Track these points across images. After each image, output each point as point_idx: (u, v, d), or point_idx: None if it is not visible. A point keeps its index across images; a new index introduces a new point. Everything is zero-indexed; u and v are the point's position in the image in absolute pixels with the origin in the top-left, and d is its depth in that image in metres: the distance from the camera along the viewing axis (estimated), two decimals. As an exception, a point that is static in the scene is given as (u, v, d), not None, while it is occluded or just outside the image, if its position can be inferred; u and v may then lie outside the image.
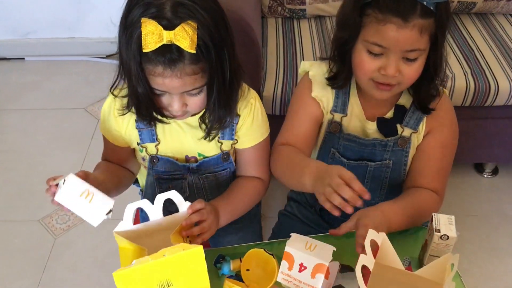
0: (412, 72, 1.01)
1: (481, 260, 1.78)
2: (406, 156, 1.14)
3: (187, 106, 0.95)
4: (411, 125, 1.12)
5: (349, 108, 1.14)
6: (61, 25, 2.75)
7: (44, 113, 2.47)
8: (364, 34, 1.00)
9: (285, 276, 0.98)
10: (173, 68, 0.86)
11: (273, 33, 1.97)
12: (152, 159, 1.09)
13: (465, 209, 1.96)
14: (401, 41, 0.96)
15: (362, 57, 1.01)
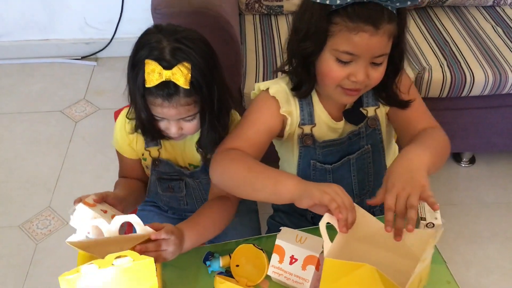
0: (378, 75, 1.02)
1: (462, 248, 1.82)
2: (380, 134, 1.16)
3: (183, 130, 1.10)
4: (371, 102, 1.13)
5: (316, 117, 1.13)
6: (34, 27, 2.70)
7: (20, 117, 2.42)
8: (333, 43, 0.97)
9: (276, 269, 0.99)
10: (170, 100, 1.02)
11: (251, 30, 1.97)
12: (155, 161, 1.21)
13: (445, 198, 2.00)
14: (372, 48, 0.96)
15: (330, 66, 1.00)
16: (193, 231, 1.02)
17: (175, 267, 1.07)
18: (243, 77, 1.73)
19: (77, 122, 2.38)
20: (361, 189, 1.22)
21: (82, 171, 2.13)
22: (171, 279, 1.05)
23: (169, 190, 1.27)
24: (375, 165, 1.20)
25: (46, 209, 1.97)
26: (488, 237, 1.86)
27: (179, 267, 1.07)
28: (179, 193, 1.27)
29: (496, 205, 1.98)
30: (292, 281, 0.98)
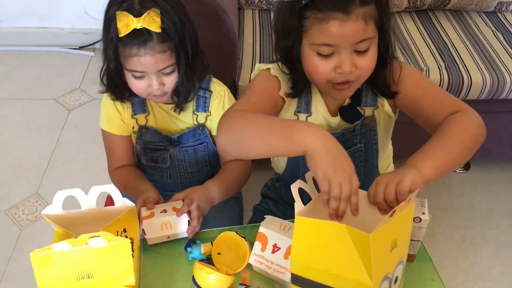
0: (367, 63, 0.97)
1: (452, 253, 1.80)
2: (375, 135, 1.13)
3: (165, 86, 1.12)
4: (369, 103, 1.10)
5: (313, 107, 1.10)
6: (33, 14, 2.69)
7: (14, 103, 2.40)
8: (308, 38, 0.95)
9: (258, 257, 0.97)
10: (145, 47, 1.04)
11: (249, 25, 1.96)
12: (141, 128, 1.23)
13: (437, 203, 1.97)
14: (348, 35, 0.92)
15: (314, 61, 0.96)
16: (219, 189, 1.15)
17: (155, 252, 1.05)
18: (238, 70, 1.71)
19: (71, 111, 2.36)
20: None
21: (72, 159, 2.10)
22: (150, 264, 1.02)
23: (153, 161, 1.27)
24: (366, 165, 1.18)
25: (34, 195, 1.94)
26: (479, 243, 1.83)
27: (159, 252, 1.04)
28: (163, 164, 1.27)
29: (489, 212, 1.95)
30: (273, 270, 0.95)
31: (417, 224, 0.97)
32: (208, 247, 1.02)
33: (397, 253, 0.82)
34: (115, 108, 1.21)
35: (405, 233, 0.86)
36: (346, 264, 0.77)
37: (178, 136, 1.23)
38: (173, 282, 0.98)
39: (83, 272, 0.81)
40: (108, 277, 0.82)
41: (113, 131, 1.23)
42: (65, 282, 0.81)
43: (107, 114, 1.23)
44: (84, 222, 0.85)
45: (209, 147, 1.27)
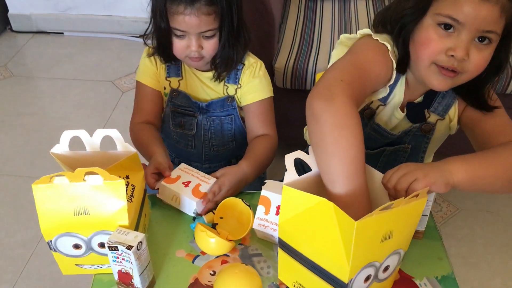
0: (480, 60, 0.87)
1: (491, 256, 1.69)
2: (427, 142, 1.06)
3: (203, 49, 1.14)
4: (439, 112, 1.03)
5: (391, 98, 1.03)
6: (99, 3, 2.85)
7: (73, 83, 2.55)
8: (437, 6, 0.87)
9: (261, 221, 0.97)
10: (192, 7, 1.08)
11: (294, 11, 1.96)
12: (173, 91, 1.26)
13: (481, 205, 1.87)
14: (480, 17, 0.83)
15: (430, 34, 0.88)
16: (253, 168, 1.16)
17: (163, 208, 1.08)
18: (276, 52, 1.72)
19: (124, 93, 2.47)
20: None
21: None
22: (157, 217, 1.05)
23: (180, 126, 1.29)
24: None
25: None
26: (522, 248, 1.72)
27: (167, 208, 1.07)
28: (189, 131, 1.30)
29: (538, 218, 1.83)
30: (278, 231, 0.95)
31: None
32: (210, 216, 1.02)
33: (391, 244, 0.77)
34: (152, 64, 1.25)
35: (407, 226, 0.80)
36: (328, 243, 0.75)
37: (206, 104, 1.25)
38: (175, 237, 1.01)
39: (80, 208, 0.85)
40: (103, 215, 0.86)
41: (147, 82, 1.26)
42: (63, 216, 0.86)
43: (145, 67, 1.26)
44: (89, 164, 0.88)
45: (236, 121, 1.29)
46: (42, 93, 2.50)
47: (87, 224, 0.86)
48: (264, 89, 1.25)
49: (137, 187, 0.94)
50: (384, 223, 0.73)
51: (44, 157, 2.08)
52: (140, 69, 1.27)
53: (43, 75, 2.61)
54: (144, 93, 1.27)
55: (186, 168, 1.09)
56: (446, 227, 1.77)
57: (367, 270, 0.77)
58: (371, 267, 0.77)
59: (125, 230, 0.86)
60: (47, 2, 2.86)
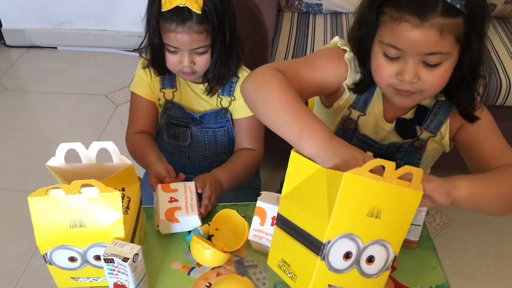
0: (435, 79, 0.88)
1: (485, 267, 1.70)
2: (419, 159, 1.06)
3: (195, 65, 1.17)
4: (431, 129, 1.03)
5: (370, 108, 1.04)
6: (93, 17, 2.86)
7: (67, 97, 2.56)
8: (379, 34, 0.90)
9: (257, 232, 0.97)
10: (183, 25, 1.10)
11: (287, 26, 1.99)
12: (167, 102, 1.28)
13: (474, 215, 1.88)
14: (417, 43, 0.85)
15: (379, 60, 0.91)
16: (225, 177, 1.17)
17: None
18: (270, 66, 1.74)
19: (118, 106, 2.48)
20: None
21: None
22: (151, 230, 1.05)
23: (174, 138, 1.31)
24: None
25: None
26: (515, 258, 1.73)
27: (162, 221, 1.07)
28: (183, 142, 1.31)
29: (531, 228, 1.84)
30: None
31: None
32: (206, 228, 1.02)
33: (378, 228, 0.76)
34: (147, 75, 1.27)
35: (397, 214, 0.78)
36: (316, 205, 0.76)
37: (200, 116, 1.27)
38: (171, 249, 1.01)
39: (75, 220, 0.85)
40: (99, 227, 0.86)
41: (142, 93, 1.28)
42: (59, 229, 0.86)
43: (140, 78, 1.28)
44: (84, 176, 0.89)
45: (229, 133, 1.31)
46: (35, 107, 2.51)
47: (82, 237, 0.87)
48: None
49: (133, 199, 0.95)
50: (373, 193, 0.74)
51: (37, 170, 2.08)
52: (135, 80, 1.29)
53: (37, 89, 2.61)
54: (139, 104, 1.29)
55: (188, 188, 1.06)
56: (439, 238, 1.78)
57: (347, 242, 0.75)
58: (351, 240, 0.75)
59: (121, 242, 0.86)
60: (41, 16, 2.87)
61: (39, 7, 2.84)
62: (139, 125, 1.29)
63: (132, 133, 1.29)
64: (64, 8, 2.84)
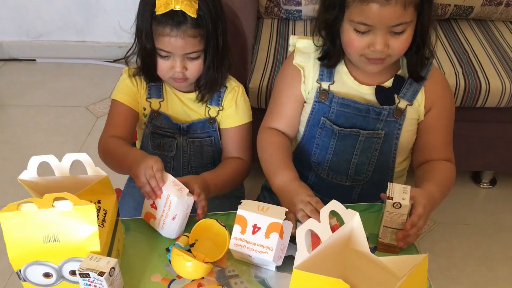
0: (400, 44, 1.02)
1: (470, 268, 1.70)
2: (399, 128, 1.13)
3: (187, 70, 1.15)
4: (408, 97, 1.12)
5: (336, 76, 1.14)
6: (72, 28, 2.83)
7: (46, 110, 2.52)
8: (348, 14, 1.01)
9: (238, 241, 0.95)
10: (178, 29, 1.09)
11: (267, 32, 1.98)
12: (153, 112, 1.25)
13: (458, 218, 1.88)
14: (385, 18, 0.98)
15: (351, 36, 1.03)
16: (214, 182, 1.15)
17: (138, 232, 1.06)
18: (250, 73, 1.73)
19: (99, 118, 2.44)
20: (357, 173, 1.19)
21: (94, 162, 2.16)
22: (131, 243, 1.03)
23: (159, 148, 1.28)
24: (381, 155, 1.17)
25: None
26: (501, 260, 1.72)
27: (142, 232, 1.05)
28: (168, 153, 1.28)
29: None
30: (255, 251, 0.93)
31: (397, 211, 0.93)
32: (185, 239, 1.00)
33: None
34: (133, 84, 1.23)
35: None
36: None
37: (187, 125, 1.25)
38: (151, 261, 0.98)
39: (49, 235, 0.83)
40: (74, 242, 0.84)
41: (125, 101, 1.23)
42: (32, 245, 0.83)
43: (125, 86, 1.23)
44: (58, 189, 0.86)
45: (215, 144, 1.29)
46: (14, 121, 2.46)
47: (57, 252, 0.84)
48: (244, 114, 1.27)
49: (109, 211, 0.92)
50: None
51: (17, 185, 2.02)
52: (119, 88, 1.25)
53: (15, 102, 2.57)
54: (120, 111, 1.25)
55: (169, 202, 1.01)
56: (423, 241, 1.78)
57: None
58: None
59: (97, 256, 0.83)
60: (19, 29, 2.83)
61: (17, 19, 2.80)
62: (117, 129, 1.22)
63: (109, 135, 1.21)
64: (42, 19, 2.80)
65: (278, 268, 0.96)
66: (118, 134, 1.22)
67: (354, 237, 0.78)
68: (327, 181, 1.22)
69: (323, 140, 1.18)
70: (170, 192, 1.00)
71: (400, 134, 1.14)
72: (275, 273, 0.96)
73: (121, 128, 1.23)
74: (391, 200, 0.92)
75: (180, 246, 0.98)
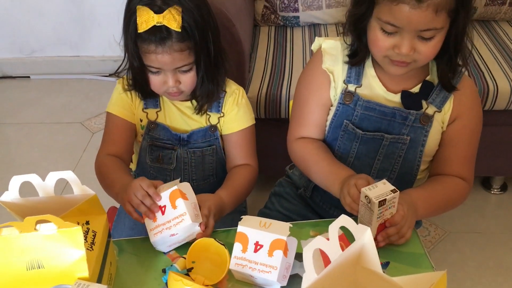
0: (428, 50, 0.97)
1: (485, 279, 1.62)
2: (426, 135, 1.07)
3: (180, 84, 1.10)
4: (437, 103, 1.06)
5: (364, 79, 1.09)
6: (66, 43, 2.79)
7: (41, 127, 2.46)
8: (377, 11, 0.97)
9: (239, 260, 0.88)
10: (163, 45, 1.03)
11: (264, 40, 1.93)
12: (151, 123, 1.19)
13: (469, 226, 1.81)
14: (414, 22, 0.93)
15: (376, 34, 0.99)
16: (231, 198, 1.11)
17: (131, 254, 0.99)
18: (248, 82, 1.67)
19: (94, 133, 2.38)
20: (378, 179, 1.11)
21: (90, 179, 2.09)
22: (125, 265, 0.96)
23: (158, 161, 1.22)
24: (405, 162, 1.10)
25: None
26: (517, 269, 1.65)
27: (135, 254, 0.99)
28: (168, 165, 1.22)
29: (528, 235, 1.77)
30: (258, 271, 0.86)
31: (368, 204, 0.88)
32: (182, 262, 0.93)
33: None
34: (127, 96, 1.18)
35: None
36: None
37: (188, 135, 1.19)
38: (146, 285, 0.91)
39: (33, 261, 0.76)
40: (60, 268, 0.77)
41: (120, 113, 1.18)
42: (15, 272, 0.77)
43: (119, 98, 1.19)
44: (43, 211, 0.79)
45: (217, 153, 1.23)
46: (7, 139, 2.40)
47: (42, 279, 0.77)
48: (246, 117, 1.22)
49: (99, 233, 0.86)
50: None
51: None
52: (113, 100, 1.20)
53: (9, 120, 2.51)
54: (115, 125, 1.19)
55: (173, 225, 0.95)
56: (435, 252, 1.70)
57: None
58: None
59: (85, 283, 0.76)
60: (12, 46, 2.79)
61: (9, 36, 2.76)
62: (115, 147, 1.17)
63: (106, 153, 1.17)
64: (35, 35, 2.75)
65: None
66: (116, 150, 1.17)
67: (365, 254, 0.71)
68: None
69: (345, 143, 1.11)
70: (188, 211, 0.93)
71: (426, 141, 1.08)
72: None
73: (118, 144, 1.18)
74: (365, 191, 0.89)
75: (177, 270, 0.91)
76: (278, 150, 1.31)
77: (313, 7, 1.93)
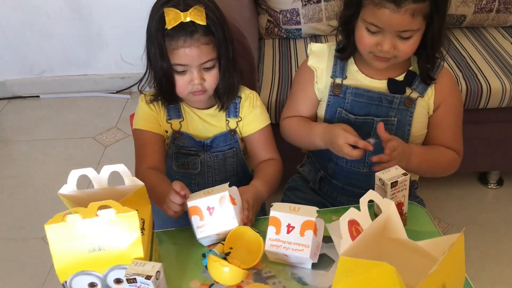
0: (406, 48, 1.13)
1: (488, 266, 1.73)
2: (411, 116, 1.22)
3: (205, 82, 1.19)
4: (419, 90, 1.21)
5: (348, 73, 1.25)
6: (74, 63, 2.89)
7: (55, 143, 2.55)
8: (363, 14, 1.13)
9: (274, 241, 0.98)
10: (192, 38, 1.13)
11: (270, 52, 2.04)
12: (175, 133, 1.29)
13: (469, 219, 1.92)
14: (394, 23, 1.08)
15: (362, 33, 1.15)
16: (266, 187, 1.21)
17: (171, 243, 1.08)
18: (258, 90, 1.78)
19: (107, 147, 2.48)
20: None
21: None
22: (166, 253, 1.05)
23: (183, 167, 1.31)
24: None
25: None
26: (517, 257, 1.76)
27: (175, 243, 1.08)
28: (193, 170, 1.31)
29: (525, 226, 1.88)
30: (292, 250, 0.96)
31: (382, 187, 1.00)
32: (221, 247, 1.02)
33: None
34: (152, 110, 1.27)
35: (456, 272, 0.80)
36: None
37: (210, 141, 1.29)
38: (187, 269, 1.01)
39: (94, 244, 0.86)
40: (118, 249, 0.86)
41: (148, 127, 1.26)
42: (78, 255, 0.86)
43: (144, 113, 1.27)
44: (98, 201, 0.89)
45: (238, 155, 1.33)
46: (23, 155, 2.49)
47: (102, 261, 0.87)
48: (263, 117, 1.32)
49: (147, 221, 0.95)
50: (438, 278, 0.73)
51: (31, 218, 2.05)
52: (139, 117, 1.28)
53: (23, 138, 2.60)
54: (146, 139, 1.27)
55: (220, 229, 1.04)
56: (440, 243, 1.80)
57: None
58: None
59: (142, 262, 0.86)
60: (22, 67, 2.89)
61: (19, 58, 2.86)
62: (149, 159, 1.25)
63: (143, 168, 1.24)
64: (44, 56, 2.86)
65: (312, 265, 0.99)
66: (152, 163, 1.24)
67: (391, 225, 0.82)
68: (346, 169, 1.28)
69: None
70: (236, 216, 1.02)
71: (412, 121, 1.22)
72: (311, 271, 0.98)
73: (152, 156, 1.26)
74: (379, 175, 1.02)
75: (215, 254, 1.00)
76: (288, 152, 1.40)
77: (314, 20, 2.06)
